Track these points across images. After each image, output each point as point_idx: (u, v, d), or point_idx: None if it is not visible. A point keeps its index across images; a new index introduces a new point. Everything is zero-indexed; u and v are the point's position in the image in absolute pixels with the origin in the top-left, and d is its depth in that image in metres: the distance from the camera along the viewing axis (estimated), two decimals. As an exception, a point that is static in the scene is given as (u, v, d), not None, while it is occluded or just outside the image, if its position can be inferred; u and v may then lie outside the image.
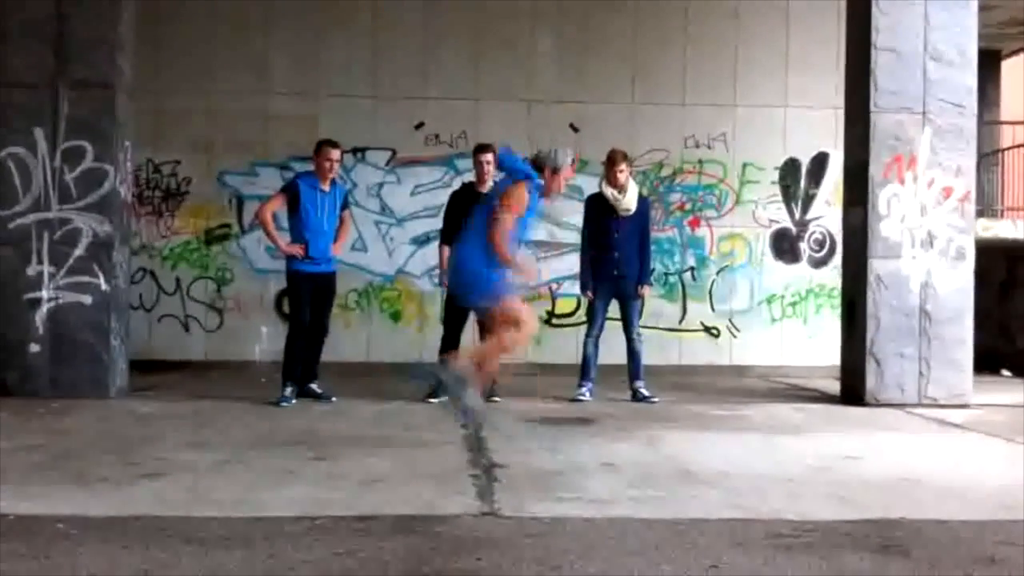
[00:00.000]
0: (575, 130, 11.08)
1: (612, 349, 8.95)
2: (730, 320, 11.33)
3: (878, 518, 4.65)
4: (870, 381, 8.46)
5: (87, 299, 8.30)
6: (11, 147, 8.32)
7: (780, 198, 11.36)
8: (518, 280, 6.74)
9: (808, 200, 11.37)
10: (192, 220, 10.94)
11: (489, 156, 8.48)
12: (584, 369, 8.78)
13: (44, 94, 8.30)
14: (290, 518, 4.50)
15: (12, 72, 8.36)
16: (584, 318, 9.38)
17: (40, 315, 8.26)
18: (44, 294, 8.27)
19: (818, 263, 11.40)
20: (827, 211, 11.24)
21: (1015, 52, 16.41)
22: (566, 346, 10.59)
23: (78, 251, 8.32)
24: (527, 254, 8.23)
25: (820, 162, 11.33)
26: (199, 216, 10.94)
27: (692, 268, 11.32)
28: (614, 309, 8.82)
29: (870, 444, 6.74)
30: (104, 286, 8.33)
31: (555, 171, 6.87)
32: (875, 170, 8.54)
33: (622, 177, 8.63)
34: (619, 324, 8.83)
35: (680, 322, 11.29)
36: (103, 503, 4.76)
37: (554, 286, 11.13)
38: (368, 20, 11.05)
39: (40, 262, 8.29)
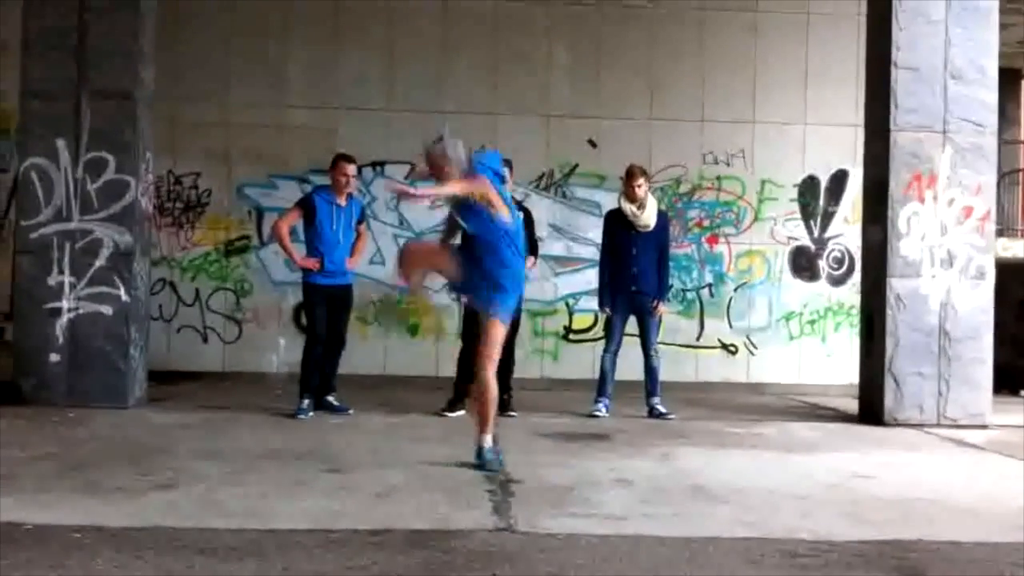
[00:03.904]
0: (593, 145, 11.09)
1: (629, 365, 8.93)
2: (747, 337, 11.29)
3: (894, 538, 4.62)
4: (888, 400, 8.41)
5: (107, 309, 8.34)
6: (34, 158, 8.38)
7: (799, 215, 11.33)
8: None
9: (827, 218, 11.34)
10: (212, 232, 10.99)
11: (506, 171, 8.49)
12: (601, 385, 8.76)
13: (66, 104, 8.36)
14: (304, 530, 4.51)
15: (34, 82, 8.43)
16: (600, 334, 9.38)
17: (60, 325, 8.30)
18: (64, 304, 8.32)
19: (837, 281, 11.35)
20: (846, 229, 11.20)
21: (1035, 71, 16.33)
22: (582, 361, 10.57)
23: (99, 262, 8.37)
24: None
25: (839, 179, 11.30)
26: (218, 228, 11.00)
27: (710, 285, 11.30)
28: (632, 325, 8.81)
29: (887, 463, 6.71)
30: (124, 297, 8.37)
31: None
32: (895, 188, 8.51)
33: (640, 192, 8.63)
34: (636, 340, 8.82)
35: (697, 339, 11.26)
36: (118, 513, 4.78)
37: (571, 301, 11.12)
38: (385, 34, 11.10)
39: (61, 272, 8.33)
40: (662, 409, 8.68)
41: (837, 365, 10.99)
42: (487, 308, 6.24)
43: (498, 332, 6.22)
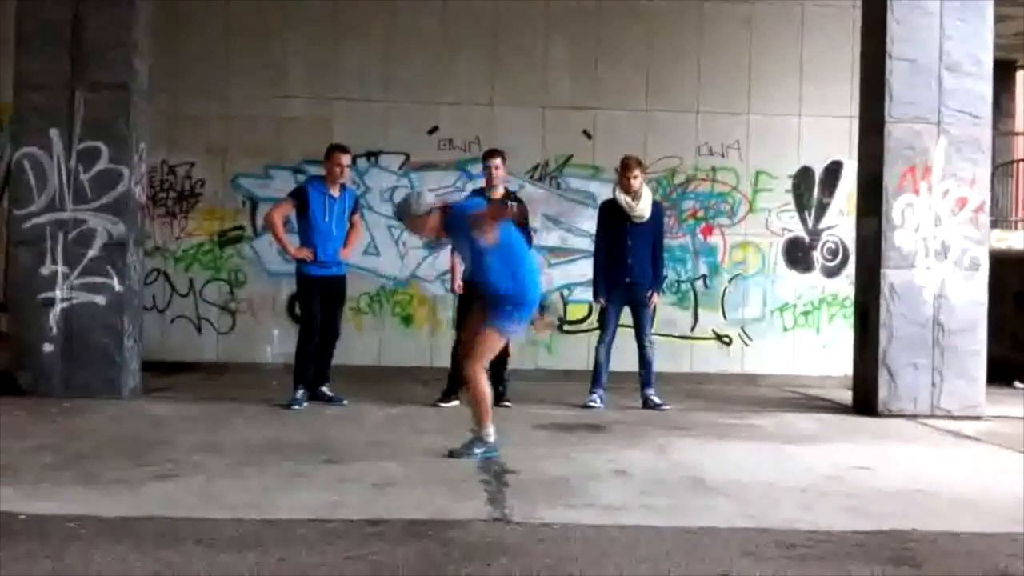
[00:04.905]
0: (588, 136, 11.09)
1: (623, 356, 8.94)
2: (742, 328, 11.30)
3: (890, 529, 4.64)
4: (883, 391, 8.43)
5: (101, 300, 8.33)
6: (27, 147, 8.36)
7: (793, 207, 11.33)
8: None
9: (821, 209, 11.34)
10: (206, 222, 10.95)
11: (498, 161, 8.51)
12: (596, 376, 8.77)
13: (60, 96, 8.33)
14: (302, 521, 4.51)
15: (29, 74, 8.40)
16: (595, 324, 9.38)
17: (54, 315, 8.29)
18: (58, 294, 8.30)
19: (831, 272, 11.36)
20: (840, 220, 11.20)
21: (1031, 63, 16.34)
22: (577, 352, 10.58)
23: (92, 252, 8.35)
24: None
25: (834, 171, 11.29)
26: (213, 218, 10.96)
27: (704, 276, 11.30)
28: (626, 316, 8.82)
29: (882, 455, 6.72)
30: (118, 287, 8.36)
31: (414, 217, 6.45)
32: (889, 180, 8.52)
33: (636, 183, 8.63)
34: (631, 331, 8.83)
35: (692, 330, 11.25)
36: (115, 504, 4.78)
37: (565, 292, 11.12)
38: (383, 25, 11.06)
39: (54, 262, 8.31)
40: (657, 400, 8.69)
41: (831, 356, 10.99)
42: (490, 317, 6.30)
43: (492, 342, 6.34)
